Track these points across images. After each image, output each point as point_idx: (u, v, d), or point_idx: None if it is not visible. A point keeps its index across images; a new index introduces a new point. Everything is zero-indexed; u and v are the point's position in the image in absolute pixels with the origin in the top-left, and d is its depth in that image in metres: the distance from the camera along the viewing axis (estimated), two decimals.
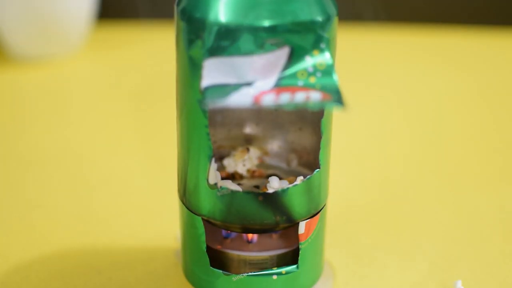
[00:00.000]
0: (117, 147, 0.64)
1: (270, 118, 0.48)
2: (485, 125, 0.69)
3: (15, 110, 0.71)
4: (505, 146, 0.65)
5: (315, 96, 0.38)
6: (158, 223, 0.53)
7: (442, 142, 0.66)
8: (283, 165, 0.48)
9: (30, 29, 0.78)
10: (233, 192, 0.42)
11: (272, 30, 0.39)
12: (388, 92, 0.75)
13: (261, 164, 0.48)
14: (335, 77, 0.39)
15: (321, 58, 0.39)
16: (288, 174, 0.47)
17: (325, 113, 0.42)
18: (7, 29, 0.79)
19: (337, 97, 0.37)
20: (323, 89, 0.38)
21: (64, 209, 0.55)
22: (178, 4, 0.41)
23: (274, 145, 0.48)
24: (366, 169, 0.61)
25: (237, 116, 0.48)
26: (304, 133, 0.47)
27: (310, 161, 0.46)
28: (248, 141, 0.48)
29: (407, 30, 0.89)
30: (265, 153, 0.48)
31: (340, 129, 0.66)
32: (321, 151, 0.43)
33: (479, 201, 0.56)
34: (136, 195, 0.57)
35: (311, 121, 0.46)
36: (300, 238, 0.44)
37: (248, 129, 0.48)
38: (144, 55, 0.84)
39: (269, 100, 0.37)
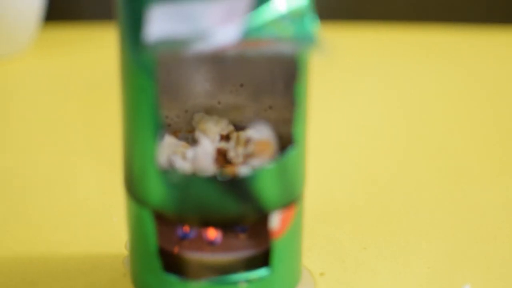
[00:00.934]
0: (62, 148, 0.57)
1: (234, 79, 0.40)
2: (482, 119, 0.62)
3: None
4: (505, 140, 0.58)
5: (288, 49, 0.31)
6: (105, 228, 0.45)
7: (438, 136, 0.59)
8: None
9: None
10: (188, 176, 0.34)
11: None
12: (379, 87, 0.69)
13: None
14: (312, 23, 0.31)
15: (295, 2, 0.32)
16: None
17: (300, 76, 0.34)
18: None
19: (311, 43, 0.30)
20: (298, 40, 0.31)
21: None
22: None
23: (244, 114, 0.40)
24: (350, 160, 0.54)
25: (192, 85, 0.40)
26: (276, 100, 0.39)
27: (283, 135, 0.38)
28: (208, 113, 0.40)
29: (400, 28, 0.82)
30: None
31: (323, 120, 0.59)
32: (296, 124, 0.35)
33: (479, 196, 0.49)
34: (81, 198, 0.49)
35: (285, 84, 0.38)
36: (273, 234, 0.36)
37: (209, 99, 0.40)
38: (93, 56, 0.77)
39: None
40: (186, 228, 0.37)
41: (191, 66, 0.39)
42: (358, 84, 0.70)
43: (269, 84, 0.39)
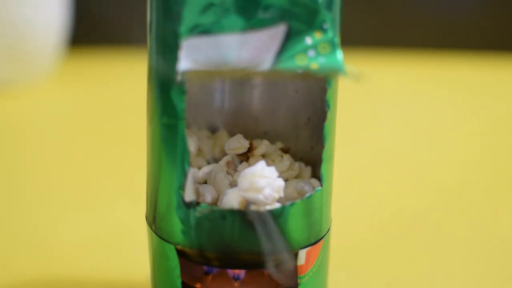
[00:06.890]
0: (85, 180, 0.56)
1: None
2: (498, 150, 0.62)
3: None
4: None
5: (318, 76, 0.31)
6: (127, 260, 0.45)
7: (465, 171, 0.58)
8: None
9: None
10: (214, 211, 0.33)
11: (266, 8, 0.31)
12: (403, 117, 0.68)
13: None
14: (340, 55, 0.31)
15: (324, 40, 0.32)
16: None
17: (328, 115, 0.34)
18: None
19: (341, 72, 0.30)
20: (328, 70, 0.31)
21: (20, 239, 0.47)
22: None
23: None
24: (374, 195, 0.53)
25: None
26: (301, 139, 0.39)
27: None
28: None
29: (401, 57, 0.82)
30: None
31: (346, 153, 0.59)
32: (323, 164, 0.35)
33: (509, 233, 0.48)
34: (103, 229, 0.49)
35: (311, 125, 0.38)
36: (300, 270, 0.35)
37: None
38: (120, 83, 0.76)
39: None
40: None
41: (217, 116, 0.39)
42: (380, 114, 0.70)
43: (293, 131, 0.39)
